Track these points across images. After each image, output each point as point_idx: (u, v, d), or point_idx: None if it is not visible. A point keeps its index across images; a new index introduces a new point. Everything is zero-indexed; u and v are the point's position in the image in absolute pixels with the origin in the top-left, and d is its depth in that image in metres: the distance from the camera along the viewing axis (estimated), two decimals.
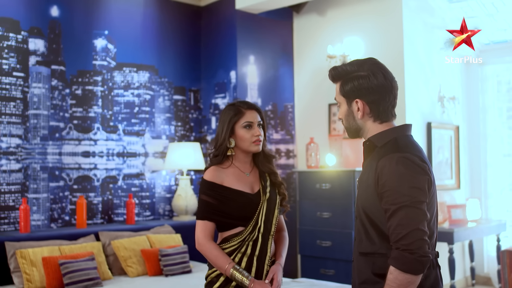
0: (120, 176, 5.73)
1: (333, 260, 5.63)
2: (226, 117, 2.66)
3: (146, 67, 5.97)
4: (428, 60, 6.08)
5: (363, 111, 2.11)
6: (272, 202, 2.68)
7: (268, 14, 6.36)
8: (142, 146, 5.90)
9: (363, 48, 5.98)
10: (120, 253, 4.82)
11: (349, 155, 6.03)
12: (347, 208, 5.52)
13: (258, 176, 2.72)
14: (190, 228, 5.61)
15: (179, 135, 6.22)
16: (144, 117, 5.93)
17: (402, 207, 1.90)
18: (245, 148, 2.65)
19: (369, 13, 5.98)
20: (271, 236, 2.65)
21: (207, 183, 2.61)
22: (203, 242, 2.58)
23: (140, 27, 5.98)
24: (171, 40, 6.23)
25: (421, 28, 5.98)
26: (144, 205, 5.90)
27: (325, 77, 6.22)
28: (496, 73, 6.59)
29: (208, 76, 6.39)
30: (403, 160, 1.95)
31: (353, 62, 2.13)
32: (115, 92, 5.73)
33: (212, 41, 6.35)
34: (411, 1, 5.80)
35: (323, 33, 6.34)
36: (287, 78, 6.57)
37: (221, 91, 6.23)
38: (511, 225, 6.44)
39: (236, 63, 6.09)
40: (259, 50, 6.30)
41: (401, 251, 1.88)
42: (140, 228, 5.34)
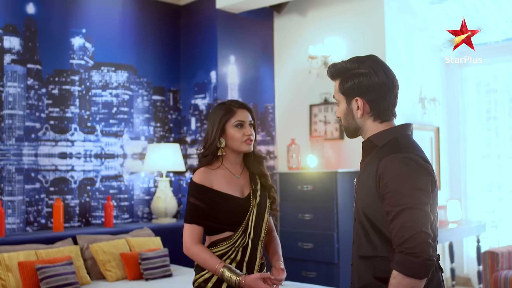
0: (98, 178, 5.60)
1: (315, 262, 5.57)
2: (216, 116, 2.57)
3: (124, 66, 5.85)
4: (409, 61, 6.08)
5: (363, 109, 2.04)
6: (262, 207, 2.60)
7: (249, 13, 6.29)
8: (120, 147, 5.78)
9: (344, 48, 5.94)
10: (98, 257, 4.70)
11: (331, 156, 5.99)
12: (329, 209, 5.47)
13: (248, 178, 2.65)
14: (170, 231, 5.51)
15: (158, 136, 6.11)
16: (123, 118, 5.81)
17: (405, 209, 1.83)
18: (236, 148, 2.57)
19: (351, 13, 5.95)
20: (261, 241, 2.58)
21: (196, 186, 2.52)
22: (191, 246, 2.49)
23: (119, 26, 5.86)
24: (150, 39, 6.12)
25: (402, 29, 5.97)
26: (123, 207, 5.78)
27: (306, 78, 6.18)
28: (476, 74, 6.62)
29: (188, 76, 6.29)
30: (406, 160, 1.88)
31: (353, 59, 2.06)
32: (93, 92, 5.60)
33: (192, 41, 6.26)
34: (392, 2, 5.79)
35: (304, 34, 6.29)
36: (267, 78, 6.50)
37: (201, 92, 6.14)
38: (490, 226, 6.46)
39: (216, 63, 6.00)
40: (239, 50, 6.22)
41: (404, 255, 1.81)
42: (119, 231, 5.22)
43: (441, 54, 6.26)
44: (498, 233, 6.46)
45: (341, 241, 5.50)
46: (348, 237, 5.59)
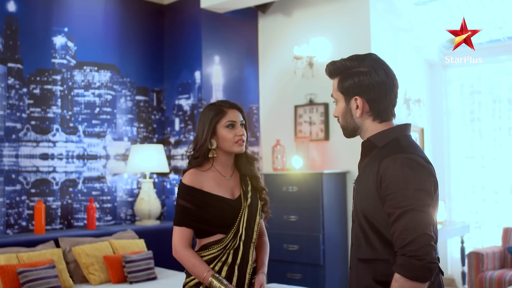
0: (80, 179, 5.50)
1: (300, 264, 5.54)
2: (207, 117, 2.52)
3: (107, 66, 5.75)
4: (395, 62, 6.07)
5: (362, 109, 2.00)
6: (253, 208, 2.55)
7: (233, 13, 6.23)
8: (103, 148, 5.68)
9: (330, 49, 5.92)
10: (81, 260, 4.60)
11: (316, 157, 5.96)
12: (315, 211, 5.44)
13: (238, 180, 2.59)
14: (153, 233, 5.44)
15: (141, 137, 6.03)
16: (105, 118, 5.71)
17: (408, 211, 1.79)
18: (227, 149, 2.52)
19: (336, 14, 5.92)
20: (253, 243, 2.53)
21: (185, 188, 2.46)
22: (180, 250, 2.43)
23: (101, 25, 5.76)
24: (133, 38, 6.03)
25: (387, 30, 5.96)
26: (105, 209, 5.68)
27: (291, 79, 6.15)
28: (460, 76, 6.64)
29: (172, 76, 6.21)
30: (408, 161, 1.84)
31: (352, 57, 2.02)
32: (75, 92, 5.50)
33: (176, 41, 6.18)
34: (378, 3, 5.77)
35: (289, 34, 6.26)
36: (252, 79, 6.45)
37: (185, 92, 6.07)
38: (474, 227, 6.49)
39: (201, 63, 5.93)
40: (224, 50, 6.16)
41: (407, 258, 1.77)
42: (102, 233, 5.12)
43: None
44: (481, 233, 6.49)
45: (327, 242, 5.47)
46: (334, 238, 5.57)
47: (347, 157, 5.79)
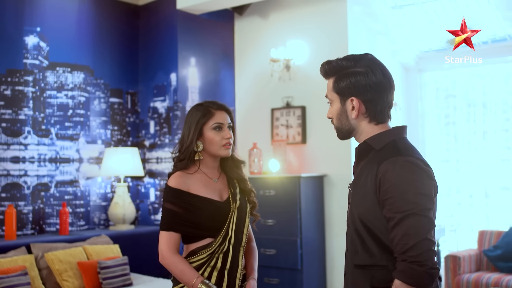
0: (52, 183, 5.35)
1: (278, 268, 5.48)
2: (193, 118, 2.43)
3: (81, 67, 5.62)
4: None
5: (359, 110, 1.94)
6: (242, 211, 2.48)
7: (210, 15, 6.16)
8: (76, 151, 5.54)
9: (307, 52, 5.89)
10: (54, 267, 4.46)
11: (293, 160, 5.92)
12: (292, 215, 5.39)
13: (226, 182, 2.51)
14: (128, 238, 5.32)
15: (115, 140, 5.90)
16: (79, 121, 5.57)
17: (409, 215, 1.74)
18: (213, 152, 2.44)
19: (313, 16, 5.89)
20: (242, 247, 2.45)
21: (172, 190, 2.37)
22: (168, 256, 2.34)
23: (75, 25, 5.63)
24: (108, 39, 5.91)
25: (365, 33, 5.96)
26: (78, 214, 5.54)
27: (267, 81, 6.10)
28: (435, 80, 6.68)
29: (147, 78, 6.10)
30: (408, 164, 1.79)
31: (348, 57, 1.97)
32: (48, 93, 5.35)
33: (151, 42, 6.08)
34: (355, 6, 5.76)
35: (265, 36, 6.21)
36: (228, 81, 6.38)
37: (161, 94, 5.96)
38: (449, 230, 6.51)
39: (176, 65, 5.84)
40: (200, 53, 6.08)
41: (408, 264, 1.72)
42: (75, 238, 4.99)
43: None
44: (457, 237, 6.52)
45: (305, 246, 5.43)
46: (312, 242, 5.53)
47: (324, 160, 5.76)
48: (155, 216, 5.92)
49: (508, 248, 5.43)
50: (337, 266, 5.66)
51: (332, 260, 5.70)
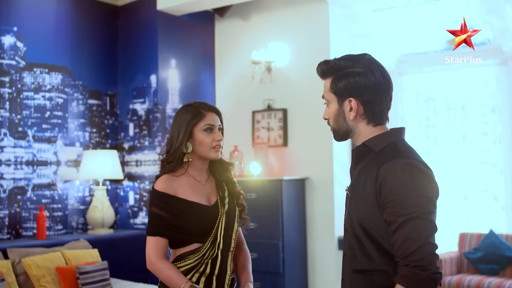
0: (29, 186, 5.23)
1: (259, 272, 5.42)
2: (183, 119, 2.37)
3: (58, 68, 5.51)
4: None
5: (357, 111, 1.89)
6: (231, 215, 2.42)
7: (190, 16, 6.10)
8: (53, 154, 5.43)
9: (288, 54, 5.86)
10: (32, 272, 4.35)
11: (274, 163, 5.88)
12: (274, 218, 5.35)
13: (214, 185, 2.45)
14: (107, 242, 5.22)
15: (94, 142, 5.79)
16: (56, 123, 5.46)
17: (411, 219, 1.70)
18: (203, 154, 2.37)
19: (295, 19, 5.87)
20: (231, 252, 2.39)
21: (158, 194, 2.30)
22: (155, 261, 2.27)
23: (53, 25, 5.51)
24: (86, 40, 5.80)
25: (346, 36, 5.95)
26: (56, 218, 5.42)
27: (249, 84, 6.05)
28: (415, 83, 6.69)
29: (126, 80, 6.01)
30: (409, 166, 1.75)
31: (346, 57, 1.92)
32: (25, 94, 5.23)
33: (131, 43, 5.99)
34: (337, 8, 5.75)
35: (246, 38, 6.16)
36: (208, 83, 6.32)
37: (140, 96, 5.88)
38: None
39: (157, 66, 5.76)
40: (180, 54, 6.01)
41: (411, 268, 1.68)
42: (53, 243, 4.87)
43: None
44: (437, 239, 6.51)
45: (286, 250, 5.39)
46: (293, 246, 5.49)
47: (306, 163, 5.73)
48: (134, 220, 5.83)
49: (489, 250, 5.46)
50: (318, 269, 5.64)
51: (313, 264, 5.67)
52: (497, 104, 6.18)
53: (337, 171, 5.65)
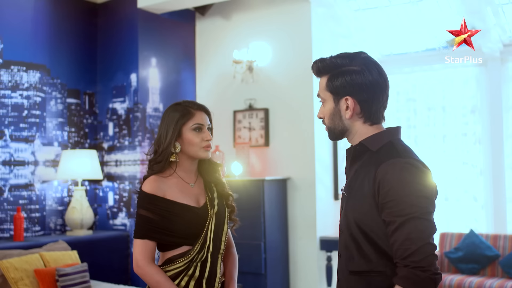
0: (6, 187, 5.11)
1: (241, 273, 5.33)
2: (171, 118, 2.31)
3: (36, 66, 5.39)
4: None
5: (353, 110, 1.86)
6: (220, 216, 2.37)
7: (171, 15, 6.03)
8: (31, 154, 5.31)
9: (270, 53, 5.83)
10: (9, 275, 4.24)
11: (256, 163, 5.84)
12: (256, 219, 5.32)
13: (203, 186, 2.40)
14: (87, 243, 5.13)
15: (72, 142, 5.69)
16: (34, 122, 5.34)
17: (411, 219, 1.68)
18: (192, 154, 2.32)
19: (277, 18, 5.84)
20: (221, 254, 2.35)
21: (146, 196, 2.24)
22: (143, 265, 2.20)
23: (31, 22, 5.40)
24: (65, 38, 5.69)
25: (328, 36, 5.94)
26: (33, 219, 5.31)
27: (230, 83, 6.00)
28: (396, 83, 6.71)
29: (105, 78, 5.91)
30: (408, 166, 1.73)
31: (342, 55, 1.89)
32: (1, 93, 5.11)
33: (110, 41, 5.89)
34: (319, 8, 5.74)
35: (228, 37, 6.11)
36: (189, 83, 6.26)
37: (120, 95, 5.79)
38: None
39: (137, 65, 5.68)
40: (161, 53, 5.93)
41: (411, 269, 1.66)
42: (31, 245, 4.76)
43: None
44: None
45: (268, 251, 5.35)
46: (275, 246, 5.46)
47: (287, 163, 5.71)
48: (113, 220, 5.74)
49: (469, 250, 5.49)
50: (300, 269, 5.61)
51: (295, 264, 5.65)
52: (476, 105, 6.23)
53: (319, 171, 5.64)
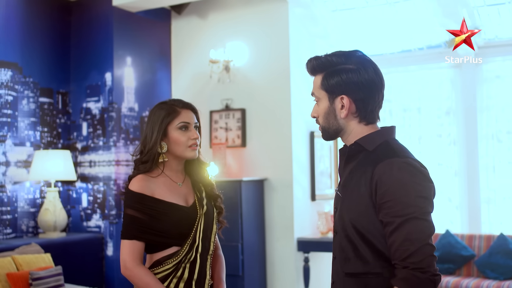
0: None
1: None
2: (157, 117, 2.26)
3: (8, 64, 5.25)
4: None
5: (348, 109, 1.83)
6: (209, 217, 2.33)
7: (146, 13, 5.94)
8: (2, 154, 5.17)
9: (247, 53, 5.79)
10: None
11: (233, 164, 5.80)
12: (233, 220, 5.26)
13: (191, 186, 2.35)
14: (60, 246, 5.02)
15: (45, 142, 5.56)
16: (5, 121, 5.20)
17: (409, 220, 1.65)
18: (179, 154, 2.27)
19: (254, 18, 5.81)
20: (210, 256, 2.30)
21: (134, 195, 2.18)
22: (131, 267, 2.14)
23: (2, 19, 5.24)
24: (38, 35, 5.56)
25: (305, 36, 5.92)
26: (5, 221, 5.16)
27: (206, 83, 5.95)
28: None
29: (79, 77, 5.79)
30: (405, 165, 1.71)
31: (338, 53, 1.85)
32: None
33: (84, 40, 5.77)
34: (296, 8, 5.72)
35: (204, 37, 6.05)
36: (164, 82, 6.18)
37: (94, 94, 5.68)
38: None
39: (112, 64, 5.58)
40: (136, 52, 5.84)
41: (410, 270, 1.63)
42: (3, 248, 4.63)
43: None
44: None
45: (246, 252, 5.31)
46: (253, 248, 5.42)
47: (265, 164, 5.67)
48: (87, 222, 5.63)
49: (445, 250, 5.54)
50: (277, 271, 5.59)
51: (272, 265, 5.61)
52: (451, 107, 6.29)
53: (296, 172, 5.62)
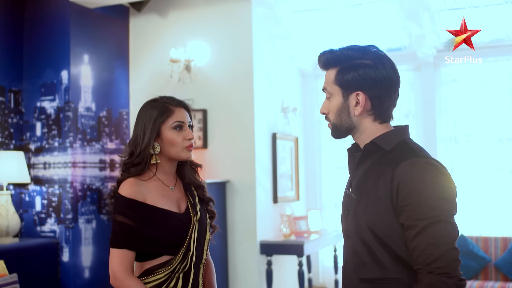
0: None
1: None
2: (149, 116, 2.12)
3: None
4: (273, 71, 5.98)
5: (363, 106, 1.74)
6: (203, 224, 2.20)
7: (104, 10, 5.73)
8: None
9: (209, 53, 5.68)
10: None
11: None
12: (217, 222, 5.13)
13: (183, 190, 2.22)
14: (14, 252, 4.76)
15: None
16: None
17: (434, 223, 1.57)
18: (173, 155, 2.13)
19: (216, 17, 5.70)
20: (203, 264, 2.18)
21: (125, 201, 2.03)
22: (122, 277, 1.99)
23: None
24: None
25: (267, 37, 5.87)
26: None
27: (166, 83, 5.80)
28: None
29: (33, 75, 5.53)
30: (428, 166, 1.63)
31: (353, 47, 1.76)
32: None
33: (39, 36, 5.52)
34: (259, 8, 5.65)
35: (164, 36, 5.90)
36: (122, 82, 5.98)
37: (49, 93, 5.43)
38: None
39: (68, 62, 5.35)
40: (94, 49, 5.63)
41: (436, 276, 1.55)
42: None
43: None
44: None
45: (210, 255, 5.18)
46: (214, 251, 5.30)
47: (227, 166, 5.58)
48: (41, 227, 5.38)
49: None
50: (239, 274, 5.49)
51: (235, 269, 5.51)
52: (411, 109, 6.34)
53: (259, 174, 5.54)
